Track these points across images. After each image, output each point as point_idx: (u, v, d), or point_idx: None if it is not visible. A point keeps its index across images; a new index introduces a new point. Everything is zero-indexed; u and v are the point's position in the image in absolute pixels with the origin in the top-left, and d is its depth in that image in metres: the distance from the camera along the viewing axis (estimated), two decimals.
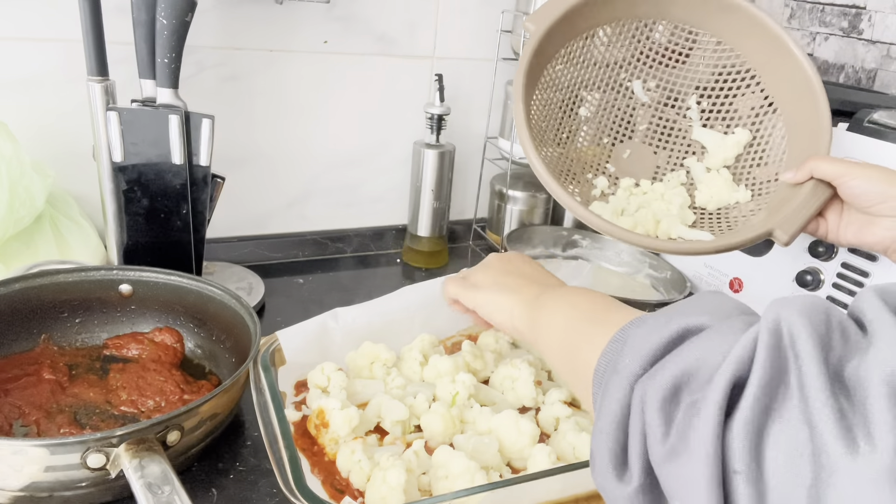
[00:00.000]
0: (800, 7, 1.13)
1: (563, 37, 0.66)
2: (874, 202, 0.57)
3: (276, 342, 0.66)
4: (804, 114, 0.67)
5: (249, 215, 1.01)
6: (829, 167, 0.60)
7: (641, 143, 0.75)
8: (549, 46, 0.65)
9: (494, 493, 0.51)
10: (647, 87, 0.74)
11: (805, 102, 0.67)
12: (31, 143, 0.77)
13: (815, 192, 0.62)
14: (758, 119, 0.70)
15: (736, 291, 0.91)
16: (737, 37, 0.69)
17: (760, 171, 0.70)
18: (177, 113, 0.74)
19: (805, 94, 0.66)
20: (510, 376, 0.69)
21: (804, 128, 0.67)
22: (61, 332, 0.71)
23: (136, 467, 0.48)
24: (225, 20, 0.89)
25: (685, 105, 0.73)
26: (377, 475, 0.54)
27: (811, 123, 0.66)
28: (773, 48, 0.67)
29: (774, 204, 0.66)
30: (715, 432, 0.29)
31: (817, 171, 0.61)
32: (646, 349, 0.35)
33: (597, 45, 0.69)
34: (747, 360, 0.30)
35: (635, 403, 0.34)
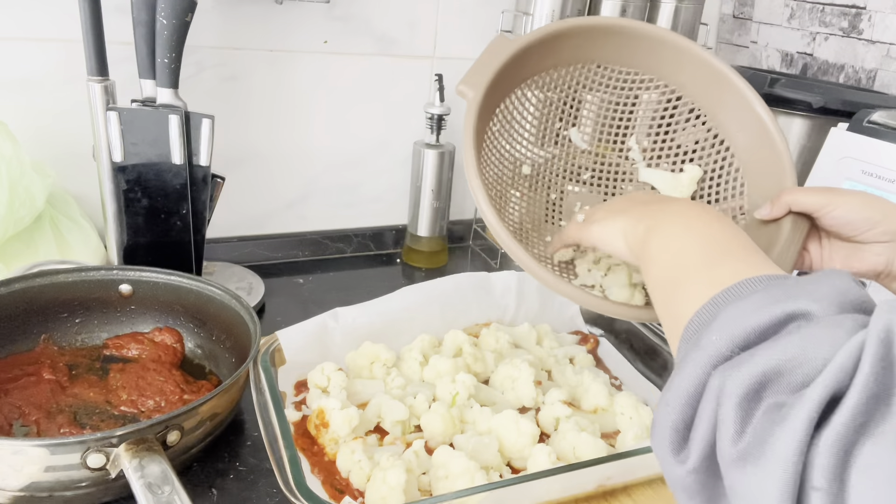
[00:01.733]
0: (800, 7, 1.13)
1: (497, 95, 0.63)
2: (861, 230, 0.55)
3: (276, 342, 0.66)
4: (757, 144, 0.64)
5: (249, 215, 1.01)
6: (808, 199, 0.57)
7: (590, 193, 0.70)
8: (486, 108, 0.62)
9: (494, 493, 0.51)
10: (584, 133, 0.70)
11: (755, 132, 0.63)
12: (32, 144, 0.77)
13: (796, 228, 0.58)
14: (705, 153, 0.67)
15: None
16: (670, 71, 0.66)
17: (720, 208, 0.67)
18: (177, 113, 0.74)
19: (753, 122, 0.63)
20: (510, 376, 0.69)
21: (761, 159, 0.64)
22: (61, 332, 0.71)
23: (136, 467, 0.48)
24: (225, 20, 0.89)
25: (626, 146, 0.70)
26: (377, 475, 0.54)
27: (768, 153, 0.63)
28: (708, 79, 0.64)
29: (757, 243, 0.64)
30: (801, 448, 0.27)
31: (796, 205, 0.57)
32: (739, 330, 0.32)
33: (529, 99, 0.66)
34: (849, 371, 0.27)
35: (711, 389, 0.32)
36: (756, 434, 0.29)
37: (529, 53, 0.62)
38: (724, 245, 0.42)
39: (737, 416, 0.29)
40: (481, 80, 0.59)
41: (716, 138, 0.67)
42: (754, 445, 0.28)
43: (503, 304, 0.81)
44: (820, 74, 1.12)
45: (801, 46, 1.14)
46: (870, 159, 0.78)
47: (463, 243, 1.16)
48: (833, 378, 0.27)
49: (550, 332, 0.80)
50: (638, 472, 0.59)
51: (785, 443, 0.27)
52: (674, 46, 0.64)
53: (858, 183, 0.80)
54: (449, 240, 1.09)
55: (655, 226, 0.48)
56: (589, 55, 0.66)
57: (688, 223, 0.46)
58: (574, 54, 0.66)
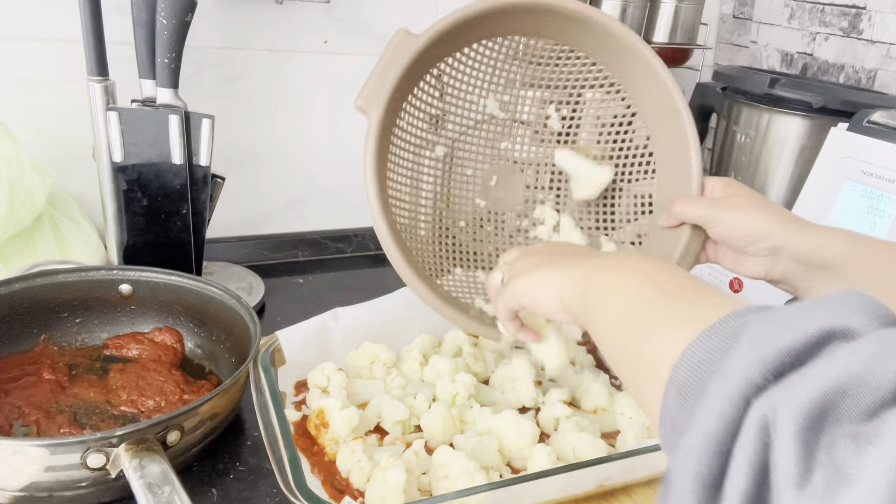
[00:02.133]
0: (800, 7, 1.13)
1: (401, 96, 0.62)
2: (743, 245, 0.57)
3: (276, 342, 0.66)
4: (672, 134, 0.64)
5: (249, 215, 1.01)
6: (695, 211, 0.59)
7: (506, 164, 0.70)
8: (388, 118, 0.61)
9: (494, 493, 0.51)
10: (501, 101, 0.69)
11: (672, 123, 0.63)
12: (31, 144, 0.77)
13: (694, 237, 0.61)
14: (622, 128, 0.67)
15: (736, 291, 0.91)
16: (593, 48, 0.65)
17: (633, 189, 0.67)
18: (177, 113, 0.74)
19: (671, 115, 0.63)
20: (510, 376, 0.69)
21: (674, 149, 0.64)
22: (61, 332, 0.71)
23: (136, 467, 0.48)
24: (225, 20, 0.89)
25: (544, 114, 0.69)
26: (377, 475, 0.54)
27: (680, 145, 0.63)
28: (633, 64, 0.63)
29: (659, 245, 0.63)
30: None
31: (686, 216, 0.59)
32: (771, 350, 0.27)
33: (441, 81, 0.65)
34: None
35: (753, 422, 0.25)
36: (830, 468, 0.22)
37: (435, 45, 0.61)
38: (679, 286, 0.38)
39: (799, 450, 0.23)
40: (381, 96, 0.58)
41: (633, 116, 0.66)
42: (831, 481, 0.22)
43: None
44: (820, 74, 1.12)
45: (801, 46, 1.14)
46: (870, 159, 0.78)
47: None
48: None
49: None
50: (638, 472, 0.59)
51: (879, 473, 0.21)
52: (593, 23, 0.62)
53: (858, 183, 0.80)
54: None
55: (595, 276, 0.44)
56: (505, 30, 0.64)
57: (631, 269, 0.42)
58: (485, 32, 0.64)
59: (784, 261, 0.56)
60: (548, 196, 0.72)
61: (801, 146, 0.96)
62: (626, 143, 0.67)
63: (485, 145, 0.70)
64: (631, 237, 0.67)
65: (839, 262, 0.53)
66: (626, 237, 0.67)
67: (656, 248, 0.64)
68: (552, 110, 0.69)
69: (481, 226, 0.70)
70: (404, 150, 0.65)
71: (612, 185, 0.69)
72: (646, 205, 0.66)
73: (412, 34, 0.59)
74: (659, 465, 0.59)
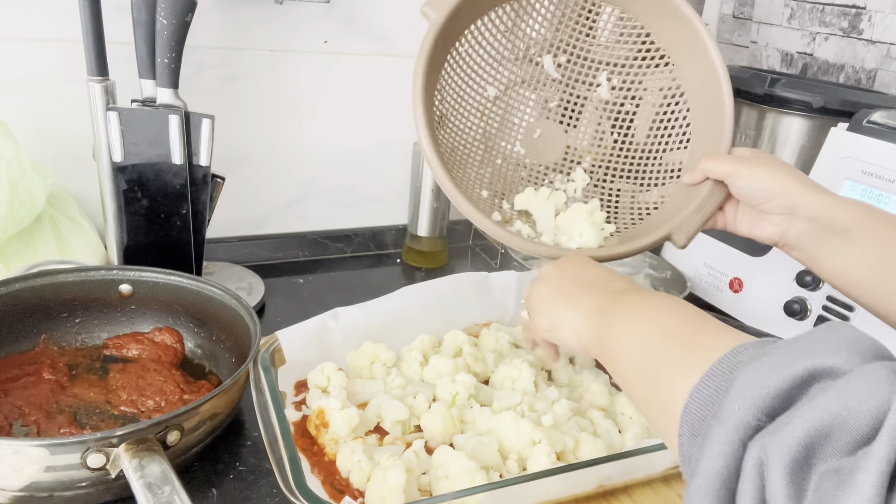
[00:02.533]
0: (800, 7, 1.13)
1: (466, 19, 0.64)
2: (760, 201, 0.58)
3: (276, 342, 0.66)
4: (710, 105, 0.66)
5: (249, 215, 1.01)
6: (720, 167, 0.61)
7: (552, 122, 0.73)
8: (451, 32, 0.63)
9: (494, 493, 0.51)
10: (558, 63, 0.71)
11: (711, 92, 0.66)
12: (31, 144, 0.77)
13: (713, 193, 0.62)
14: (665, 101, 0.70)
15: (736, 291, 0.91)
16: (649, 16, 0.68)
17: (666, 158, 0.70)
18: (177, 113, 0.74)
19: (712, 84, 0.66)
20: (510, 376, 0.69)
21: (709, 120, 0.66)
22: (61, 332, 0.71)
23: (136, 467, 0.48)
24: (225, 20, 0.89)
25: (596, 81, 0.72)
26: (377, 475, 0.54)
27: (716, 116, 0.65)
28: (685, 34, 0.66)
29: (677, 201, 0.66)
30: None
31: (711, 172, 0.61)
32: (761, 394, 0.29)
33: (504, 22, 0.67)
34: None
35: (749, 464, 0.28)
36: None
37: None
38: (690, 325, 0.40)
39: (789, 489, 0.26)
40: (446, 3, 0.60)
41: (678, 89, 0.69)
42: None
43: (503, 304, 0.81)
44: (820, 74, 1.12)
45: (801, 46, 1.14)
46: (870, 159, 0.78)
47: (463, 243, 1.16)
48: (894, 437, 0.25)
49: None
50: (638, 472, 0.59)
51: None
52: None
53: (858, 183, 0.80)
54: (449, 240, 1.09)
55: (612, 318, 0.46)
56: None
57: (645, 310, 0.45)
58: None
59: (799, 222, 0.57)
60: (585, 158, 0.73)
61: (801, 146, 0.96)
62: (668, 114, 0.70)
63: (535, 100, 0.72)
64: (655, 199, 0.69)
65: (852, 228, 0.54)
66: (652, 198, 0.69)
67: (674, 205, 0.65)
68: (604, 79, 0.71)
69: (515, 169, 0.72)
70: (458, 77, 0.67)
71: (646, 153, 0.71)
72: (675, 171, 0.68)
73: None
74: (659, 465, 0.59)
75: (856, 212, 0.55)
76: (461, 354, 0.72)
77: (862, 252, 0.54)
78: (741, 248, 0.92)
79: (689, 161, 0.67)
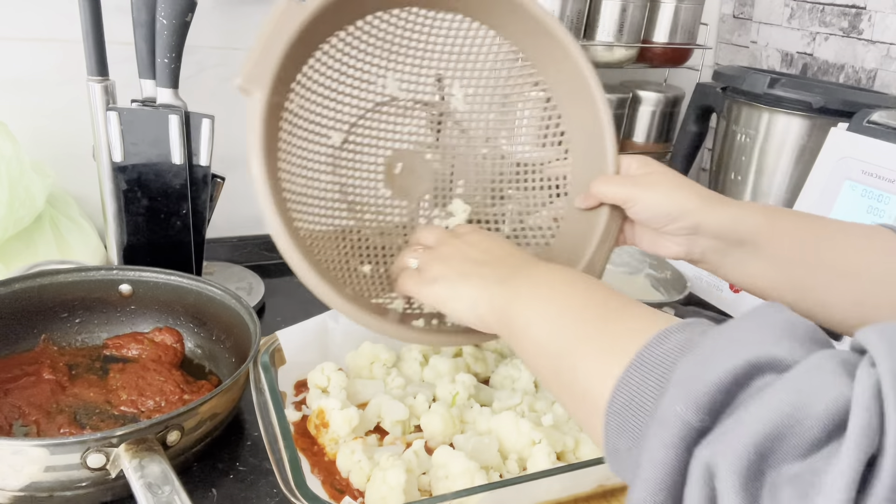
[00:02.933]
0: (800, 7, 1.13)
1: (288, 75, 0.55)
2: (661, 224, 0.55)
3: (276, 342, 0.66)
4: (584, 113, 0.60)
5: (249, 215, 1.01)
6: (614, 190, 0.56)
7: (410, 149, 0.64)
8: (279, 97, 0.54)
9: (494, 493, 0.51)
10: (402, 80, 0.62)
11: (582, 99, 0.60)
12: (31, 144, 0.77)
13: (613, 218, 0.58)
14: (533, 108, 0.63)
15: (736, 292, 0.91)
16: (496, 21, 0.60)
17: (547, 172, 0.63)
18: (177, 113, 0.74)
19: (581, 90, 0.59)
20: (510, 376, 0.69)
21: (586, 130, 0.60)
22: (61, 332, 0.71)
23: (136, 467, 0.48)
24: (225, 20, 0.89)
25: (447, 92, 0.63)
26: (377, 475, 0.54)
27: (593, 124, 0.60)
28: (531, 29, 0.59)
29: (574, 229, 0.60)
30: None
31: (605, 197, 0.57)
32: (700, 391, 0.27)
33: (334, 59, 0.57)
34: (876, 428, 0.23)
35: (696, 472, 0.26)
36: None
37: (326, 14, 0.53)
38: (605, 305, 0.38)
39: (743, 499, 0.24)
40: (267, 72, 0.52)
41: (544, 93, 0.62)
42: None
43: None
44: (820, 74, 1.12)
45: (801, 46, 1.14)
46: (870, 159, 0.78)
47: None
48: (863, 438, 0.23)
49: None
50: None
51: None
52: None
53: (858, 183, 0.80)
54: None
55: (516, 295, 0.43)
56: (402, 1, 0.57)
57: (553, 285, 0.43)
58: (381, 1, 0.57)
59: (703, 239, 0.55)
60: (458, 183, 0.65)
61: (801, 146, 0.97)
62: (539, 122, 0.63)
63: (386, 129, 0.63)
64: (547, 221, 0.63)
65: (757, 237, 0.53)
66: (543, 222, 0.64)
67: (573, 231, 0.60)
68: (456, 88, 0.63)
69: (388, 217, 0.63)
70: (296, 137, 0.57)
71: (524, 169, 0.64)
72: (561, 187, 0.63)
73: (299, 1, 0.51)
74: None
75: (758, 220, 0.53)
76: (461, 354, 0.72)
77: (768, 260, 0.52)
78: None
79: (574, 177, 0.61)
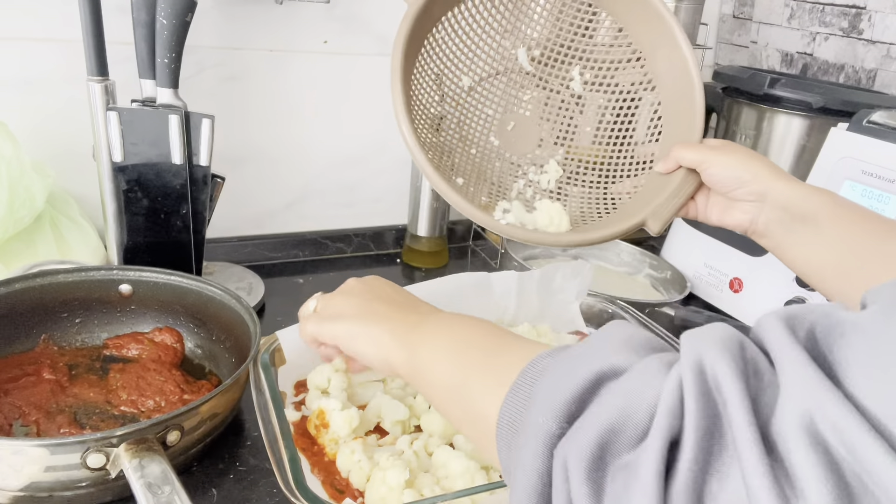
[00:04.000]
0: (800, 7, 1.13)
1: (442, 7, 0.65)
2: (731, 188, 0.60)
3: (276, 342, 0.66)
4: (681, 98, 0.67)
5: (249, 215, 1.01)
6: (692, 155, 0.62)
7: (526, 115, 0.74)
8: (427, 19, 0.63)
9: (494, 493, 0.51)
10: (532, 56, 0.72)
11: (682, 85, 0.67)
12: (31, 144, 0.77)
13: (686, 181, 0.64)
14: (637, 95, 0.71)
15: (736, 291, 0.91)
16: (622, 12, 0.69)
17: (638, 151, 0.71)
18: (177, 113, 0.74)
19: (683, 77, 0.67)
20: None
21: (680, 113, 0.67)
22: (61, 332, 0.71)
23: (136, 467, 0.48)
24: (225, 20, 0.89)
25: (569, 76, 0.73)
26: (377, 475, 0.54)
27: (687, 109, 0.67)
28: (656, 28, 0.67)
29: (650, 190, 0.67)
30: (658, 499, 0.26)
31: (683, 160, 0.63)
32: (558, 402, 0.31)
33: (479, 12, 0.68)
34: (677, 412, 0.27)
35: (557, 472, 0.29)
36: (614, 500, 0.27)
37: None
38: (499, 339, 0.42)
39: (589, 489, 0.28)
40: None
41: (650, 83, 0.70)
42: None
43: (503, 304, 0.81)
44: (820, 74, 1.12)
45: (801, 46, 1.14)
46: (870, 159, 0.78)
47: (463, 243, 1.16)
48: (665, 423, 0.27)
49: (550, 332, 0.80)
50: None
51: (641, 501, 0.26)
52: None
53: (858, 183, 0.80)
54: (449, 240, 1.09)
55: (419, 339, 0.46)
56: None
57: (450, 329, 0.46)
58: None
59: (769, 209, 0.58)
60: (557, 151, 0.74)
61: (801, 146, 0.97)
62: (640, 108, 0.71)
63: (509, 92, 0.73)
64: (628, 189, 0.70)
65: (819, 216, 0.56)
66: (624, 189, 0.70)
67: (648, 193, 0.66)
68: (576, 73, 0.72)
69: (489, 160, 0.73)
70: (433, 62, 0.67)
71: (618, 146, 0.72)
72: (647, 163, 0.70)
73: None
74: None
75: (824, 200, 0.56)
76: None
77: (827, 242, 0.55)
78: (741, 248, 0.92)
79: (661, 152, 0.68)
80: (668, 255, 1.03)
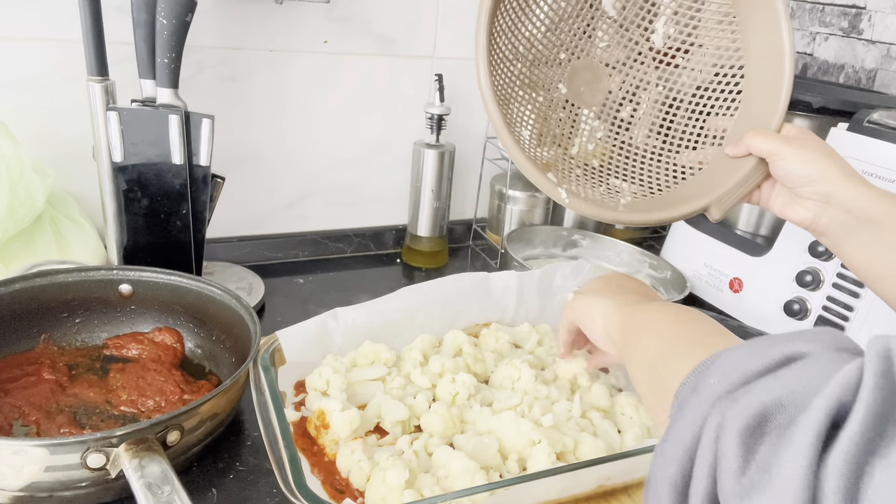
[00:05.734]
0: (800, 7, 1.13)
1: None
2: (798, 184, 0.58)
3: (276, 342, 0.66)
4: (767, 77, 0.64)
5: (249, 215, 1.01)
6: (765, 144, 0.60)
7: (598, 64, 0.71)
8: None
9: (494, 493, 0.51)
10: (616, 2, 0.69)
11: (772, 64, 0.63)
12: (31, 143, 0.77)
13: (756, 170, 0.61)
14: (720, 62, 0.67)
15: (736, 291, 0.91)
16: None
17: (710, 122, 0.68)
18: (177, 113, 0.74)
19: (775, 56, 0.63)
20: (510, 376, 0.69)
21: (763, 93, 0.64)
22: (61, 332, 0.71)
23: (136, 467, 0.48)
24: (225, 20, 0.89)
25: (651, 27, 0.69)
26: (377, 475, 0.54)
27: (771, 90, 0.63)
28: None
29: (715, 171, 0.65)
30: (810, 468, 0.25)
31: (755, 148, 0.61)
32: (737, 372, 0.31)
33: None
34: (853, 387, 0.26)
35: (709, 429, 0.30)
36: (761, 463, 0.27)
37: None
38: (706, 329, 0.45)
39: (739, 450, 0.28)
40: None
41: (737, 52, 0.66)
42: (761, 474, 0.27)
43: (503, 304, 0.81)
44: (820, 74, 1.12)
45: (801, 46, 1.14)
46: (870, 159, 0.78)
47: (463, 243, 1.16)
48: (837, 392, 0.26)
49: (550, 332, 0.80)
50: (638, 472, 0.59)
51: (792, 465, 0.25)
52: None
53: None
54: (449, 240, 1.09)
55: (636, 314, 0.53)
56: None
57: (666, 312, 0.50)
58: None
59: (832, 210, 0.57)
60: (624, 108, 0.72)
61: None
62: (721, 76, 0.68)
63: (586, 37, 0.70)
64: (692, 162, 0.68)
65: (883, 221, 0.55)
66: (688, 161, 0.68)
67: (714, 175, 0.64)
68: (660, 25, 0.69)
69: (554, 109, 0.71)
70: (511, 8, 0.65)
71: (689, 111, 0.69)
72: (717, 137, 0.67)
73: None
74: None
75: (890, 206, 0.55)
76: (461, 354, 0.72)
77: (889, 247, 0.54)
78: (741, 248, 0.92)
79: (734, 131, 0.65)
80: (667, 255, 1.03)
